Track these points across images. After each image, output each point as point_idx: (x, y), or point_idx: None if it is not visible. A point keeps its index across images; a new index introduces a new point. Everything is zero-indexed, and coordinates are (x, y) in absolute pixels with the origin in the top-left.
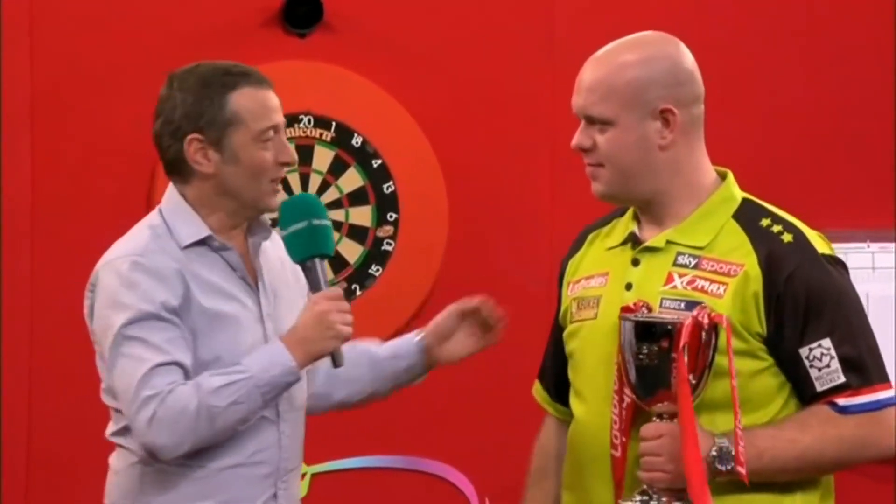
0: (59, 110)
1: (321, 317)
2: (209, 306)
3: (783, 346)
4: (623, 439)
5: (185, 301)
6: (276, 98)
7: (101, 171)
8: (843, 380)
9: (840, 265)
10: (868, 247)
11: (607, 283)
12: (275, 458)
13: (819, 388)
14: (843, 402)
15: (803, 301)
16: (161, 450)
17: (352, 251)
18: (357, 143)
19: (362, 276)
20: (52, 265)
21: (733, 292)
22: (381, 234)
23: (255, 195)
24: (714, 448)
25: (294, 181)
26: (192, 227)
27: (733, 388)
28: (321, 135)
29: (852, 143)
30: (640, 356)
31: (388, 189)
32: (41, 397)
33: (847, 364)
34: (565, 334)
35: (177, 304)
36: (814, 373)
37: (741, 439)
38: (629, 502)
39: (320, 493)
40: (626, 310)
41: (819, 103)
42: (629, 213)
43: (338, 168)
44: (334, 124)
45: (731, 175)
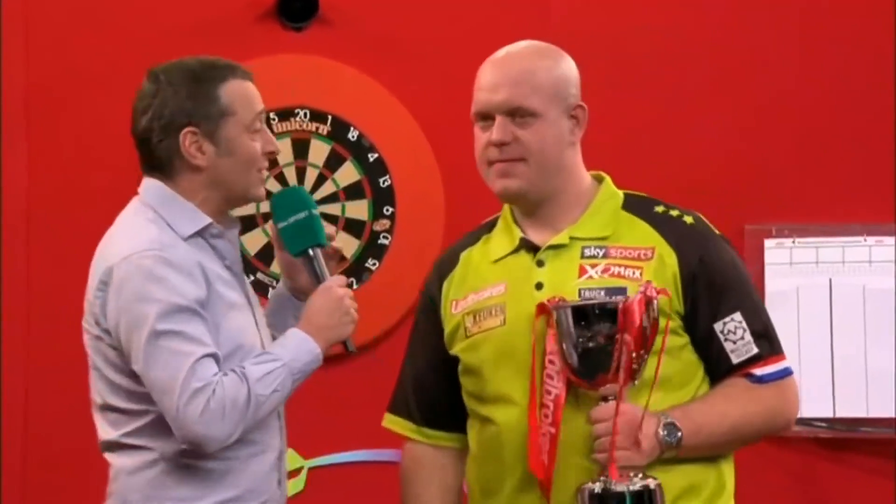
0: (54, 107)
1: (338, 303)
2: (225, 295)
3: (698, 323)
4: (553, 430)
5: (208, 293)
6: (256, 89)
7: (97, 168)
8: (756, 350)
9: (731, 244)
10: (865, 240)
11: (507, 290)
12: (277, 444)
13: (735, 360)
14: (758, 371)
15: (714, 278)
16: (211, 441)
17: (348, 245)
18: (353, 137)
19: (359, 270)
20: (48, 262)
21: (652, 274)
22: (377, 227)
23: (245, 186)
24: (661, 425)
25: (290, 175)
26: (190, 218)
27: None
28: (317, 129)
29: (851, 138)
30: (584, 341)
31: (384, 183)
32: (38, 396)
33: (757, 335)
34: (459, 349)
35: (203, 297)
36: (728, 346)
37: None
38: (592, 483)
39: (317, 488)
40: (541, 307)
41: (817, 97)
42: (504, 224)
43: (334, 162)
44: (330, 118)
45: (607, 176)
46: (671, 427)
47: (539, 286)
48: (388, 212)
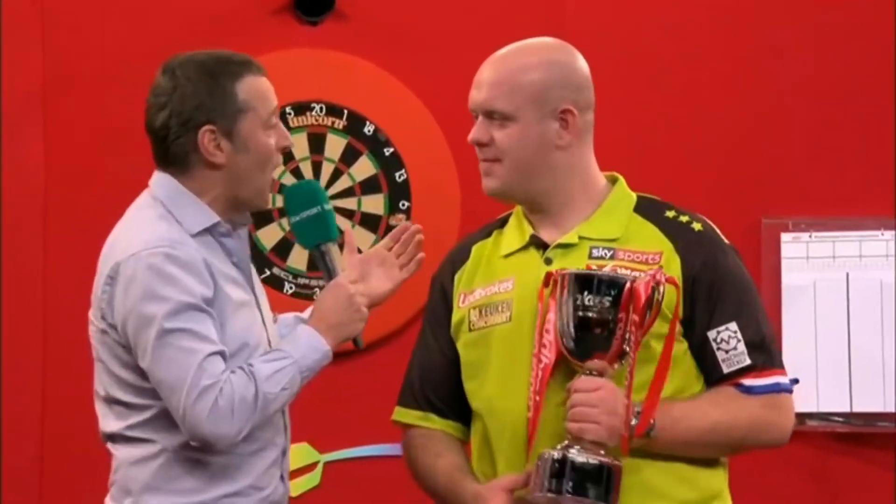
0: (70, 98)
1: (349, 300)
2: (231, 294)
3: (694, 330)
4: (537, 399)
5: (214, 291)
6: (269, 83)
7: (112, 159)
8: (748, 362)
9: (739, 255)
10: (882, 234)
11: (515, 287)
12: (281, 441)
13: (725, 369)
14: (748, 382)
15: (714, 286)
16: (220, 439)
17: (364, 239)
18: (369, 131)
19: None
20: (64, 254)
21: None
22: (393, 222)
23: (258, 185)
24: (634, 411)
25: (306, 170)
26: (199, 215)
27: (668, 350)
28: (333, 123)
29: (867, 131)
30: (581, 311)
31: (400, 177)
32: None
33: (752, 347)
34: (462, 343)
35: (210, 295)
36: (720, 355)
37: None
38: (554, 451)
39: (333, 482)
40: (548, 276)
41: (834, 90)
42: (516, 220)
43: (350, 156)
44: (346, 112)
45: (621, 178)
46: (636, 412)
47: (546, 284)
48: (403, 206)
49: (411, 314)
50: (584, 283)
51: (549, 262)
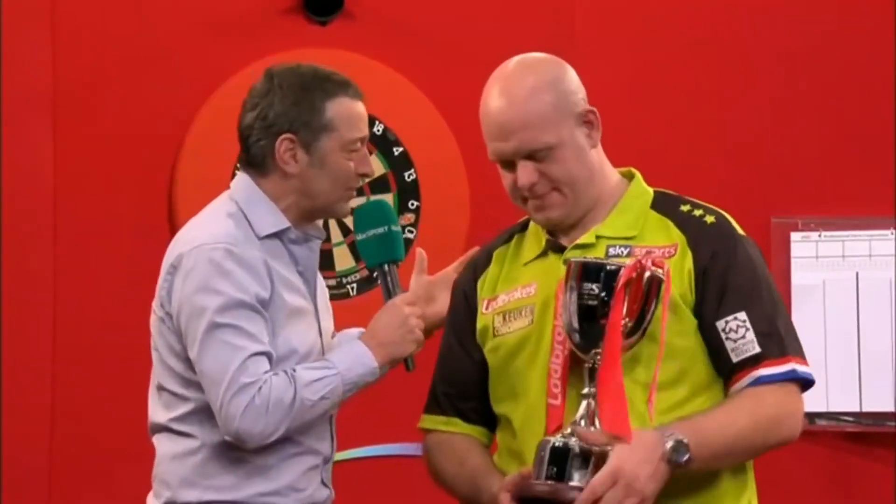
0: (81, 98)
1: (404, 321)
2: (288, 300)
3: (704, 319)
4: (562, 387)
5: (271, 295)
6: (365, 111)
7: (122, 161)
8: (758, 350)
9: (755, 246)
10: (892, 234)
11: (538, 291)
12: (327, 449)
13: (735, 358)
14: (761, 372)
15: (723, 276)
16: (252, 437)
17: None
18: (378, 130)
19: None
20: (74, 256)
21: (675, 271)
22: (402, 222)
23: (330, 200)
24: (668, 443)
25: None
26: (271, 218)
27: (661, 345)
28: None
29: (877, 131)
30: (583, 296)
31: (409, 177)
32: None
33: (762, 336)
34: (488, 349)
35: (266, 297)
36: (729, 344)
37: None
38: (554, 438)
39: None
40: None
41: (844, 90)
42: (534, 226)
43: None
44: None
45: (637, 173)
46: (678, 443)
47: None
48: (413, 206)
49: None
50: (580, 271)
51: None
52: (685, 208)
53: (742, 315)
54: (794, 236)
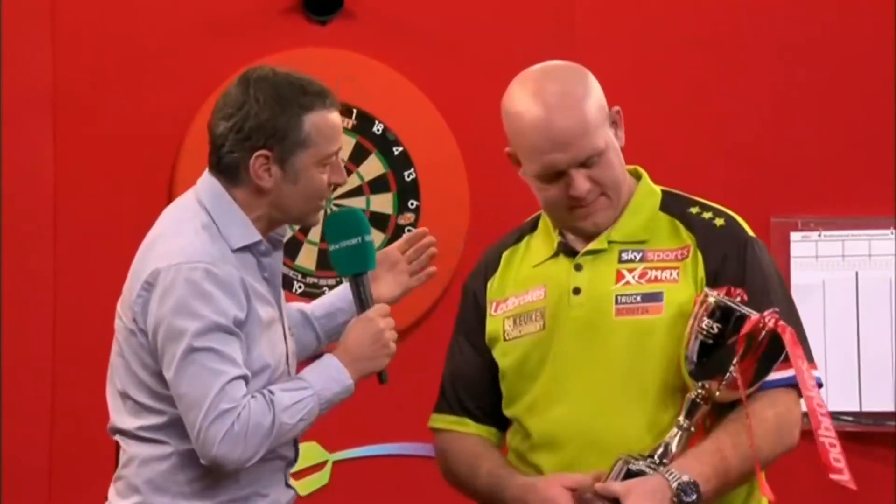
0: (81, 98)
1: (378, 336)
2: (261, 314)
3: None
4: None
5: (247, 312)
6: (340, 119)
7: (122, 160)
8: None
9: (764, 247)
10: (892, 233)
11: (547, 295)
12: (290, 451)
13: None
14: (769, 377)
15: (738, 280)
16: (230, 462)
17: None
18: (378, 130)
19: None
20: (74, 256)
21: (686, 274)
22: (402, 221)
23: (302, 213)
24: (673, 485)
25: None
26: (242, 231)
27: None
28: (342, 122)
29: (877, 130)
30: (707, 334)
31: (409, 176)
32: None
33: None
34: (497, 353)
35: (242, 317)
36: None
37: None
38: (634, 458)
39: (342, 481)
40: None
41: (844, 89)
42: (544, 225)
43: (359, 155)
44: (355, 112)
45: (644, 172)
46: (685, 484)
47: (577, 291)
48: (412, 205)
49: (418, 315)
50: (716, 310)
51: (578, 268)
52: (694, 210)
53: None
54: (794, 236)
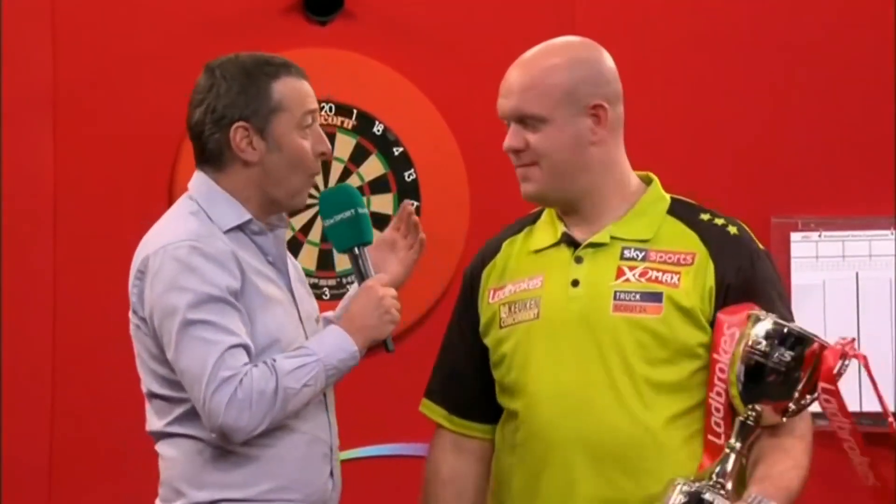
0: (81, 98)
1: (379, 302)
2: (262, 287)
3: None
4: (725, 427)
5: (243, 284)
6: (311, 88)
7: (122, 161)
8: None
9: (771, 259)
10: (892, 234)
11: (544, 284)
12: (328, 438)
13: None
14: None
15: (748, 293)
16: (238, 431)
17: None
18: (378, 130)
19: None
20: (73, 257)
21: (692, 280)
22: None
23: (291, 187)
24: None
25: None
26: (232, 212)
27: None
28: (342, 123)
29: (878, 131)
30: (768, 357)
31: (409, 177)
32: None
33: None
34: (491, 340)
35: (237, 287)
36: None
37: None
38: (694, 484)
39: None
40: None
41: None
42: (548, 216)
43: (359, 156)
44: (355, 112)
45: (656, 178)
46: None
47: (575, 283)
48: (412, 206)
49: (418, 315)
50: (774, 333)
51: (579, 260)
52: (705, 217)
53: None
54: (794, 236)
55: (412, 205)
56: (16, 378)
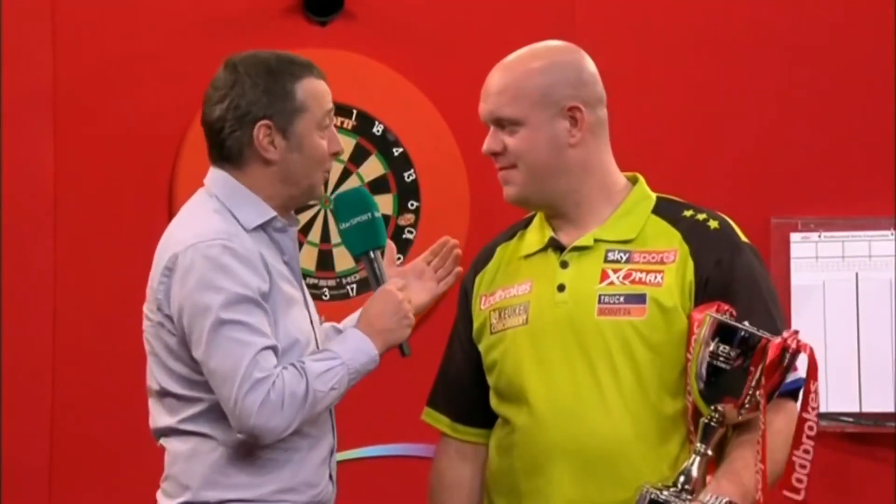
0: (81, 98)
1: (398, 306)
2: (284, 289)
3: None
4: (702, 448)
5: (270, 285)
6: (328, 88)
7: (122, 160)
8: None
9: (757, 253)
10: (892, 234)
11: (532, 289)
12: (330, 441)
13: None
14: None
15: (728, 285)
16: (269, 433)
17: None
18: (378, 131)
19: None
20: (73, 255)
21: (673, 278)
22: (402, 222)
23: (311, 183)
24: None
25: None
26: (255, 210)
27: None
28: (342, 123)
29: (877, 131)
30: (718, 357)
31: (409, 177)
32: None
33: None
34: (483, 346)
35: (266, 289)
36: None
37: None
38: (662, 491)
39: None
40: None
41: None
42: (538, 221)
43: (359, 156)
44: (355, 112)
45: (641, 178)
46: None
47: (561, 288)
48: (412, 206)
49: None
50: (722, 332)
51: (564, 265)
52: (688, 213)
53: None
54: (794, 237)
55: (455, 243)
56: (16, 378)
